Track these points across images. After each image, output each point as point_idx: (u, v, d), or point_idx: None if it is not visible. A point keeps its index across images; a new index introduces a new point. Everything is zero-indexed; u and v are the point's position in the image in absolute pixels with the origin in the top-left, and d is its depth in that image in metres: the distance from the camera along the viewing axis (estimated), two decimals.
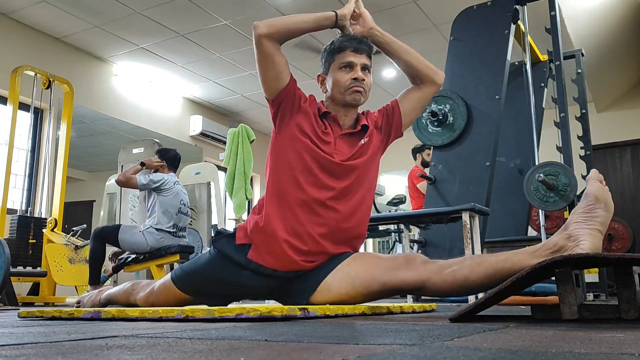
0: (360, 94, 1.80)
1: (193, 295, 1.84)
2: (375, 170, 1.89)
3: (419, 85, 1.93)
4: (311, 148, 1.75)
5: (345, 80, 1.78)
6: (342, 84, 1.78)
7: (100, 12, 5.24)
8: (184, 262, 2.01)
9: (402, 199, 6.70)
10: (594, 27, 5.60)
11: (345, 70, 1.79)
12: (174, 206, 4.02)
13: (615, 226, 5.79)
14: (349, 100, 1.80)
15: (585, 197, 1.48)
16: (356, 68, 1.79)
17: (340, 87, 1.79)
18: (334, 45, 1.83)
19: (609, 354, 0.68)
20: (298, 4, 5.12)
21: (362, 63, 1.80)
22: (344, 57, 1.79)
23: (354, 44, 1.80)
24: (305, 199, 1.73)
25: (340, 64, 1.79)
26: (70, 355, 0.73)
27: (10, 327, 1.39)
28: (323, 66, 1.86)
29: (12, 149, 4.62)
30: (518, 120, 4.41)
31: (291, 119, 1.78)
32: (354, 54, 1.79)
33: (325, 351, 0.74)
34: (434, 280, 1.54)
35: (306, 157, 1.74)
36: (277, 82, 1.77)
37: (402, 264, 1.61)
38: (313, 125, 1.78)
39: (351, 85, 1.78)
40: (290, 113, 1.78)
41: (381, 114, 1.93)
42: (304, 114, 1.79)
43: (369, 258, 1.73)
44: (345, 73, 1.79)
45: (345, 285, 1.67)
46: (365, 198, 1.83)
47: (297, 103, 1.79)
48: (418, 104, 1.95)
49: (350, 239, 1.80)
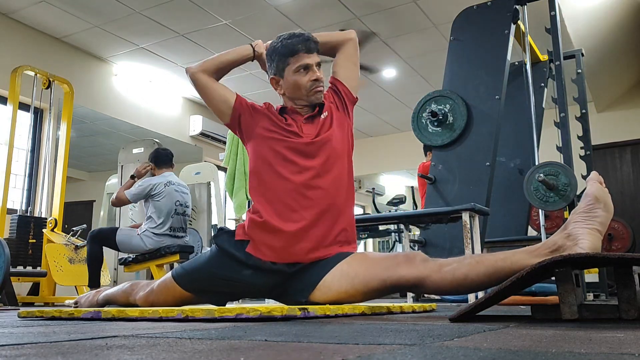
0: (321, 92, 1.87)
1: (194, 293, 1.84)
2: (347, 141, 1.93)
3: (338, 51, 2.01)
4: (281, 139, 1.82)
5: (306, 82, 1.83)
6: (303, 87, 1.84)
7: (100, 12, 5.24)
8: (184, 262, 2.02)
9: (402, 199, 6.71)
10: (594, 27, 5.60)
11: (303, 72, 1.83)
12: (168, 209, 3.98)
13: (615, 226, 5.79)
14: (312, 100, 1.86)
15: (585, 197, 1.48)
16: (313, 69, 1.84)
17: (302, 90, 1.84)
18: (285, 49, 1.84)
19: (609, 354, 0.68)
20: (298, 4, 5.12)
21: (315, 62, 1.85)
22: (298, 60, 1.82)
23: (305, 45, 1.83)
24: (290, 187, 1.78)
25: (297, 67, 1.83)
26: (70, 355, 0.73)
27: (10, 327, 1.39)
28: (275, 69, 1.88)
29: (12, 149, 4.62)
30: (518, 120, 4.41)
31: (254, 125, 1.87)
32: (307, 54, 1.83)
33: (325, 351, 0.74)
34: (433, 278, 1.55)
35: (279, 148, 1.82)
36: (226, 104, 1.89)
37: (402, 261, 1.62)
38: (274, 121, 1.86)
39: (312, 86, 1.84)
40: (251, 121, 1.87)
41: (329, 93, 1.98)
42: (263, 116, 1.88)
43: (369, 256, 1.74)
44: (303, 75, 1.83)
45: (345, 283, 1.68)
46: (344, 170, 1.88)
47: (251, 111, 1.88)
48: (349, 62, 2.01)
49: (342, 212, 1.83)
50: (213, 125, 7.59)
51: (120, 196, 3.98)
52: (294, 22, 5.41)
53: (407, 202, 7.00)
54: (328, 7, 5.17)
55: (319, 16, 5.33)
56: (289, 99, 1.89)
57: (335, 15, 5.34)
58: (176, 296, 1.85)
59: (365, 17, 5.37)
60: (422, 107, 3.84)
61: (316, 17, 5.34)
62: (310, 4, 5.10)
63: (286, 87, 1.87)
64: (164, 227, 3.96)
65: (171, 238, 4.01)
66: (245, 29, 5.53)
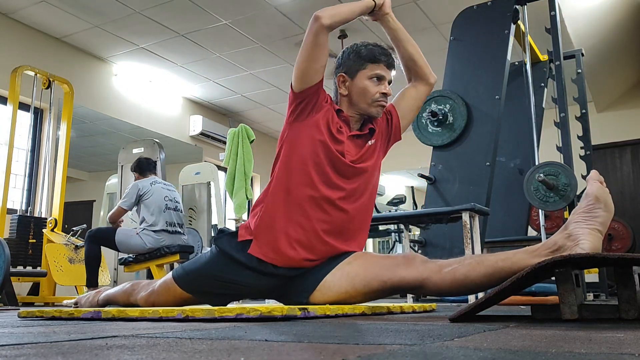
0: (383, 108, 1.84)
1: (194, 294, 1.84)
2: (378, 173, 1.92)
3: (414, 83, 1.94)
4: (326, 144, 1.75)
5: (374, 93, 1.80)
6: (370, 95, 1.80)
7: (100, 12, 5.24)
8: (184, 262, 2.02)
9: (402, 199, 6.71)
10: (594, 27, 5.60)
11: (375, 82, 1.80)
12: (158, 205, 4.01)
13: (615, 226, 5.79)
14: (372, 112, 1.82)
15: (585, 197, 1.48)
16: (385, 83, 1.82)
17: (367, 98, 1.80)
18: (367, 53, 1.82)
19: (609, 354, 0.68)
20: (298, 4, 5.12)
21: (390, 78, 1.84)
22: (376, 69, 1.81)
23: (387, 59, 1.83)
24: (316, 196, 1.74)
25: (372, 75, 1.80)
26: (70, 355, 0.73)
27: (10, 327, 1.39)
28: (348, 68, 1.83)
29: (12, 149, 4.62)
30: (518, 120, 4.41)
31: (311, 114, 1.78)
32: (386, 68, 1.82)
33: (325, 351, 0.74)
34: (433, 279, 1.55)
35: (320, 152, 1.75)
36: (315, 76, 1.75)
37: (402, 262, 1.62)
38: (329, 122, 1.78)
39: (379, 99, 1.80)
40: (312, 109, 1.78)
41: (382, 119, 1.92)
42: (325, 112, 1.79)
43: (369, 257, 1.73)
44: (375, 85, 1.80)
45: (346, 284, 1.68)
46: (371, 200, 1.87)
47: (320, 101, 1.79)
48: (414, 104, 1.95)
49: (354, 237, 1.82)
50: (213, 125, 7.59)
51: (114, 212, 4.01)
52: (294, 22, 5.41)
53: (407, 202, 7.00)
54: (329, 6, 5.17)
55: None
56: (349, 103, 1.84)
57: None
58: (176, 296, 1.85)
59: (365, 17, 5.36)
60: (422, 107, 3.84)
61: None
62: (311, 4, 5.10)
63: (352, 89, 1.82)
64: (160, 224, 3.97)
65: (170, 235, 4.01)
66: (245, 29, 5.53)
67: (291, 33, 5.62)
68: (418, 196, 6.92)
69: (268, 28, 5.45)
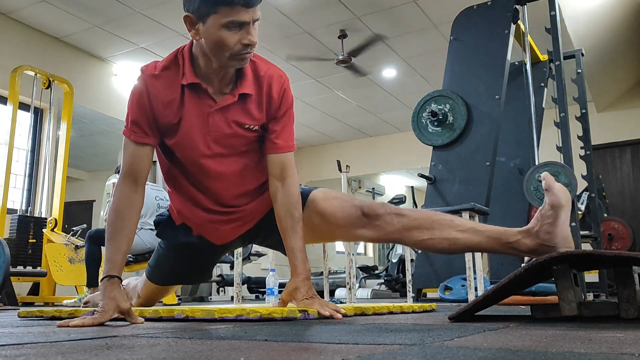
0: (248, 59, 1.50)
1: (171, 284, 1.90)
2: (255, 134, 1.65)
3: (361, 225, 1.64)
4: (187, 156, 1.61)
5: (234, 44, 1.43)
6: (228, 47, 1.43)
7: (100, 12, 5.24)
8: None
9: (402, 199, 6.70)
10: (594, 27, 5.60)
11: (234, 30, 1.41)
12: (150, 203, 4.02)
13: (615, 226, 5.80)
14: (233, 64, 1.49)
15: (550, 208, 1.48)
16: (248, 29, 1.43)
17: (224, 51, 1.44)
18: None
19: (609, 353, 0.68)
20: (298, 4, 5.12)
21: (254, 18, 1.43)
22: (233, 14, 1.39)
23: None
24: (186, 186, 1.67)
25: (228, 22, 1.40)
26: (70, 355, 0.73)
27: (10, 327, 1.39)
28: (195, 7, 1.41)
29: (12, 149, 4.62)
30: (518, 120, 4.41)
31: (164, 135, 1.59)
32: (245, 8, 1.40)
33: (325, 351, 0.74)
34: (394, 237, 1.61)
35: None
36: (152, 150, 1.59)
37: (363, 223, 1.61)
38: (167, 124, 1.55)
39: (241, 51, 1.45)
40: (163, 133, 1.59)
41: (274, 103, 1.59)
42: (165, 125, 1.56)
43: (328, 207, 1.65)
44: (234, 33, 1.41)
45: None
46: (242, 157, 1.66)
47: (156, 126, 1.56)
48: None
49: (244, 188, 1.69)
50: None
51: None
52: (294, 22, 5.41)
53: (407, 202, 7.00)
54: (328, 7, 5.17)
55: (319, 16, 5.33)
56: (202, 54, 1.50)
57: (335, 15, 5.34)
58: (159, 290, 1.91)
59: (365, 17, 5.37)
60: (422, 107, 3.85)
61: (316, 17, 5.34)
62: (310, 4, 5.10)
63: (204, 36, 1.44)
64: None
65: None
66: None
67: (291, 33, 5.62)
68: (418, 196, 6.92)
69: (268, 28, 5.45)
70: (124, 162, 1.56)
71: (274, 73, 1.60)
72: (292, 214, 1.60)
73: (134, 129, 1.54)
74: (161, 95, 1.52)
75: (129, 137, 1.55)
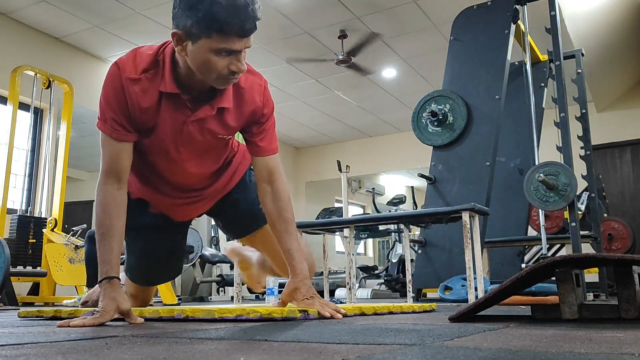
0: (233, 82, 1.49)
1: (154, 280, 1.95)
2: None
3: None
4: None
5: (221, 69, 1.40)
6: (215, 71, 1.40)
7: (100, 12, 5.24)
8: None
9: (402, 199, 6.70)
10: (594, 27, 5.60)
11: (223, 56, 1.38)
12: None
13: (615, 226, 5.79)
14: (216, 85, 1.47)
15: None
16: (238, 56, 1.40)
17: (210, 73, 1.41)
18: (212, 20, 1.32)
19: (609, 354, 0.68)
20: (298, 4, 5.12)
21: (246, 46, 1.40)
22: (225, 42, 1.35)
23: (242, 28, 1.35)
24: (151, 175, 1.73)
25: (219, 49, 1.36)
26: (70, 355, 0.73)
27: (10, 327, 1.39)
28: (187, 27, 1.37)
29: (12, 149, 4.62)
30: (518, 120, 4.41)
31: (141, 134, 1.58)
32: (239, 38, 1.36)
33: (325, 351, 0.74)
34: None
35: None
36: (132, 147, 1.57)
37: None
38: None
39: (227, 76, 1.42)
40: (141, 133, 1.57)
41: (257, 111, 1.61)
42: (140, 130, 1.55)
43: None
44: (222, 58, 1.38)
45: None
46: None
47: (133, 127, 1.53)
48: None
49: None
50: None
51: None
52: (294, 22, 5.41)
53: (407, 202, 7.00)
54: (328, 7, 5.17)
55: (319, 16, 5.33)
56: (187, 70, 1.46)
57: (335, 15, 5.34)
58: (142, 288, 1.95)
59: (365, 17, 5.37)
60: (422, 107, 3.85)
61: (316, 17, 5.34)
62: (310, 4, 5.10)
63: (190, 55, 1.40)
64: None
65: None
66: None
67: (291, 33, 5.62)
68: (418, 196, 6.92)
69: (268, 28, 5.45)
70: (106, 161, 1.52)
71: (254, 82, 1.60)
72: (284, 217, 1.65)
73: (115, 126, 1.50)
74: (139, 100, 1.48)
75: (110, 135, 1.51)
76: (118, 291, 1.41)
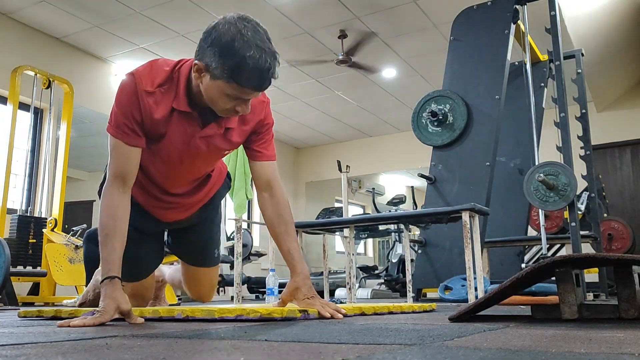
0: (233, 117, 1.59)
1: (142, 276, 1.99)
2: None
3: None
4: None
5: (229, 108, 1.49)
6: (222, 107, 1.49)
7: (100, 12, 5.24)
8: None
9: (402, 199, 6.71)
10: (594, 27, 5.60)
11: (231, 99, 1.47)
12: None
13: (615, 226, 5.80)
14: (219, 114, 1.55)
15: None
16: (246, 104, 1.50)
17: (217, 106, 1.50)
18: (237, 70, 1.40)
19: (609, 353, 0.68)
20: (298, 4, 5.12)
21: (255, 96, 1.51)
22: (239, 92, 1.44)
23: (258, 84, 1.43)
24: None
25: (231, 94, 1.45)
26: (70, 355, 0.73)
27: (10, 327, 1.39)
28: (211, 66, 1.44)
29: (12, 149, 4.62)
30: (518, 120, 4.41)
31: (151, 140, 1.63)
32: (253, 92, 1.46)
33: (325, 351, 0.74)
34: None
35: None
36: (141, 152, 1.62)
37: None
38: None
39: (231, 113, 1.52)
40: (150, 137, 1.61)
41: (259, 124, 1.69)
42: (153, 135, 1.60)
43: None
44: (232, 100, 1.47)
45: None
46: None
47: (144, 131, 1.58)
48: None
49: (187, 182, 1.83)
50: None
51: None
52: (294, 22, 5.41)
53: (407, 202, 7.00)
54: (328, 7, 5.17)
55: (319, 16, 5.33)
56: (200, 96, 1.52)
57: (335, 15, 5.34)
58: (136, 286, 1.97)
59: (365, 17, 5.37)
60: (422, 107, 3.85)
61: (316, 17, 5.34)
62: (310, 4, 5.10)
63: (206, 86, 1.47)
64: None
65: None
66: None
67: (291, 33, 5.62)
68: (418, 196, 6.92)
69: (268, 28, 5.44)
70: (114, 164, 1.57)
71: (257, 100, 1.65)
72: (284, 219, 1.71)
73: (126, 131, 1.55)
74: (152, 111, 1.53)
75: (122, 139, 1.56)
76: (119, 291, 1.42)
